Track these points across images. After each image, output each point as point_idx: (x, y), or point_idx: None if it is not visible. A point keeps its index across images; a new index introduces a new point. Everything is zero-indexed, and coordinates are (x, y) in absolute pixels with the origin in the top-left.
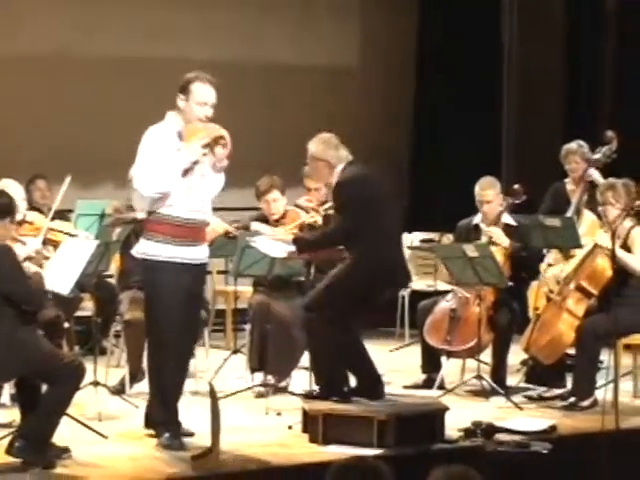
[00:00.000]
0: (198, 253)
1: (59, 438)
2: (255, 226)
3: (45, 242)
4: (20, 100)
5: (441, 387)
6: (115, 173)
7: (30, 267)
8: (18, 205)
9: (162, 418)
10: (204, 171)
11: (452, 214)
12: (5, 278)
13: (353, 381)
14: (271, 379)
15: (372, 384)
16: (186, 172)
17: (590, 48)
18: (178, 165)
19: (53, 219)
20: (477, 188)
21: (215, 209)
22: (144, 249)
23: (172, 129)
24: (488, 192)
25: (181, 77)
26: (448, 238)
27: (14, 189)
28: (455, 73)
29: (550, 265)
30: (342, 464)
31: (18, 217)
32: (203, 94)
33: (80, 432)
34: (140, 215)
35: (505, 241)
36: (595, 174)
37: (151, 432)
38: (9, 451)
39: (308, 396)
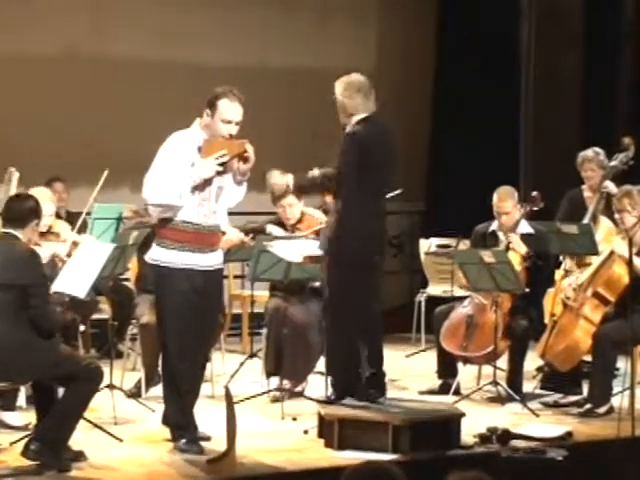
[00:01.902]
0: (210, 259)
1: (74, 441)
2: (270, 228)
3: (68, 255)
4: (34, 101)
5: (457, 393)
6: (131, 176)
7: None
8: (42, 207)
9: (178, 422)
10: (224, 183)
11: (469, 220)
12: (31, 280)
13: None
14: (287, 384)
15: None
16: (195, 188)
17: (608, 55)
18: (188, 181)
19: (72, 225)
20: (495, 199)
21: (231, 213)
22: (155, 255)
23: (195, 140)
24: (506, 204)
25: (197, 80)
26: (465, 244)
27: (45, 204)
28: (472, 79)
29: (567, 272)
30: (356, 468)
31: (43, 229)
32: (229, 112)
33: (95, 435)
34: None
35: (522, 248)
36: (610, 185)
37: (167, 436)
38: (25, 453)
39: (325, 401)
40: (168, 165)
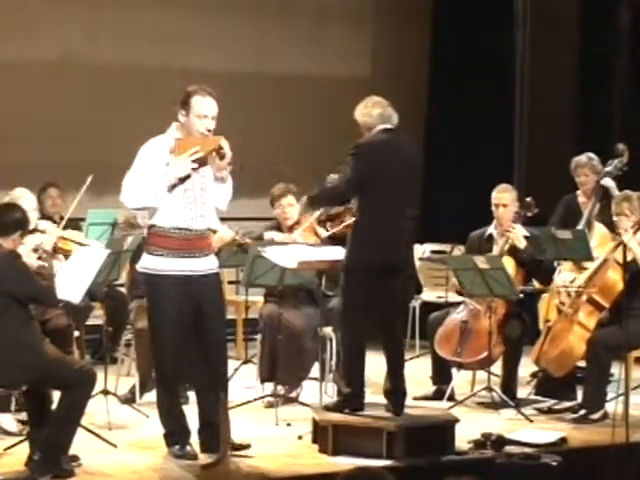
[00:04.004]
0: (202, 264)
1: None
2: (269, 235)
3: (56, 250)
4: (27, 107)
5: (451, 398)
6: None
7: (34, 263)
8: (29, 217)
9: (169, 428)
10: (206, 184)
11: (463, 226)
12: (14, 281)
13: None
14: (281, 389)
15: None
16: (173, 187)
17: (602, 61)
18: (163, 181)
19: (65, 228)
20: (494, 193)
21: (227, 219)
22: (144, 263)
23: (170, 142)
24: (504, 195)
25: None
26: (459, 249)
27: (27, 199)
28: (467, 85)
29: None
30: (348, 474)
31: (30, 226)
32: (203, 107)
33: (90, 441)
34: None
35: (522, 242)
36: (611, 183)
37: (161, 442)
38: (28, 464)
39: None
40: (143, 169)
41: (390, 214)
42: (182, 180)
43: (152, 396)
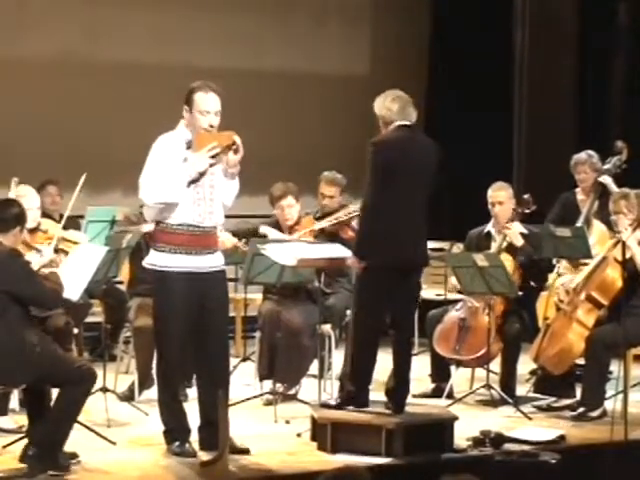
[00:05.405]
0: (209, 261)
1: (67, 444)
2: (264, 229)
3: (57, 251)
4: (26, 105)
5: (450, 396)
6: (124, 179)
7: (44, 270)
8: (27, 214)
9: (169, 426)
10: (214, 182)
11: (461, 224)
12: (15, 280)
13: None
14: (280, 387)
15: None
16: (192, 182)
17: (602, 59)
18: (183, 176)
19: (65, 228)
20: (489, 191)
21: (227, 216)
22: (152, 260)
23: (181, 138)
24: (500, 193)
25: (192, 83)
26: (458, 247)
27: (31, 197)
28: (466, 83)
29: (559, 275)
30: (328, 475)
31: (32, 225)
32: (205, 103)
33: (89, 438)
34: (146, 228)
35: (520, 241)
36: (608, 180)
37: (160, 439)
38: (23, 459)
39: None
40: (160, 165)
41: (407, 213)
42: (201, 175)
43: (151, 393)
